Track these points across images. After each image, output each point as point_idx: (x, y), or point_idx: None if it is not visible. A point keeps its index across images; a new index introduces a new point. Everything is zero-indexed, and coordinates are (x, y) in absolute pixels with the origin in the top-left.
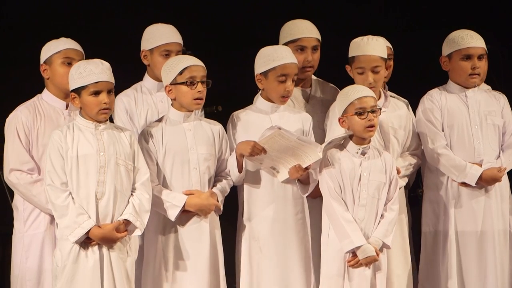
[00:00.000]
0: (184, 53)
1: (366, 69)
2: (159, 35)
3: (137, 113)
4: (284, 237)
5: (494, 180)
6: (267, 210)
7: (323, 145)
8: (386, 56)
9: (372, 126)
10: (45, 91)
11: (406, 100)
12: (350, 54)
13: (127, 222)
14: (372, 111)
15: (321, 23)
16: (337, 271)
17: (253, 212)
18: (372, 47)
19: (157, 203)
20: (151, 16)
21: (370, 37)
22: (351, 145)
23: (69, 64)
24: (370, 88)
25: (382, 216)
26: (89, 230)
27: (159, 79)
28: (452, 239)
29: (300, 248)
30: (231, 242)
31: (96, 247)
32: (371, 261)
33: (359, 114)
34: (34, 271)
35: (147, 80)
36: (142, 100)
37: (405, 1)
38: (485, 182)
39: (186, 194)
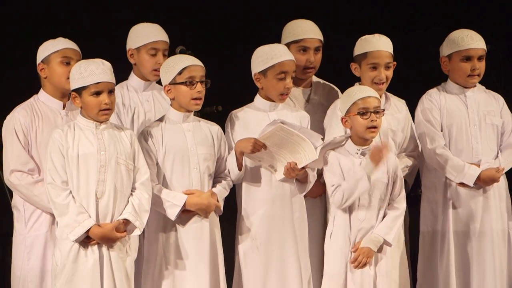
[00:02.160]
0: (183, 52)
1: (379, 65)
2: (145, 33)
3: (124, 112)
4: (281, 236)
5: (492, 180)
6: (265, 209)
7: (322, 145)
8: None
9: (374, 127)
10: (42, 91)
11: (403, 100)
12: (361, 51)
13: (126, 222)
14: (375, 112)
15: (321, 23)
16: (339, 270)
17: (251, 211)
18: (384, 44)
19: (157, 202)
20: (150, 15)
21: (379, 34)
22: (351, 145)
23: (68, 64)
24: (381, 84)
25: (385, 215)
26: (89, 229)
27: (145, 78)
28: (450, 239)
29: (297, 247)
30: (231, 242)
31: (95, 247)
32: (367, 252)
33: (361, 114)
34: (36, 272)
35: (133, 79)
36: (129, 99)
37: (404, 1)
38: (483, 182)
39: (186, 194)
